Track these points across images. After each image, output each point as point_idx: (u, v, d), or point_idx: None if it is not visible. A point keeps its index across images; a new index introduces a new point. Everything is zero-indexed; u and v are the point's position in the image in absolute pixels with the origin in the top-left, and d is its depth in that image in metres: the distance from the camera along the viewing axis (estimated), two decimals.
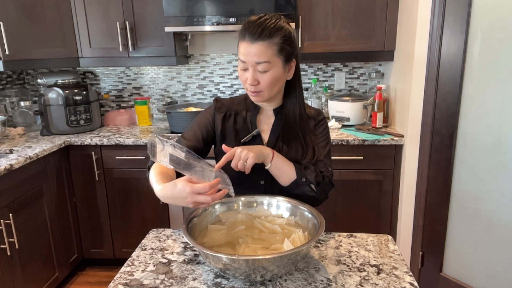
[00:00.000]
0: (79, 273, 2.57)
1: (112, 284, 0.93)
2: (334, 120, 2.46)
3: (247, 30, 1.05)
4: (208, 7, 2.26)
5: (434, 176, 2.04)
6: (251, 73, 1.07)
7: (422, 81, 2.01)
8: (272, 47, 1.05)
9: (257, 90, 1.10)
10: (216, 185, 0.91)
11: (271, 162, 1.09)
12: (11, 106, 2.72)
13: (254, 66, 1.07)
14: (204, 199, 0.90)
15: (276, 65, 1.08)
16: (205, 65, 2.82)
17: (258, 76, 1.08)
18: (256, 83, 1.08)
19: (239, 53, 1.09)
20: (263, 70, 1.07)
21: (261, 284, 0.91)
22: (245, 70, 1.10)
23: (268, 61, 1.05)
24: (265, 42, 1.04)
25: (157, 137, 0.96)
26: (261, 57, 1.04)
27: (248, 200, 1.12)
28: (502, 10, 1.66)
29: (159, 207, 2.42)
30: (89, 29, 2.48)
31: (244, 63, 1.07)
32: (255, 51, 1.04)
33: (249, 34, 1.04)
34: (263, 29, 1.04)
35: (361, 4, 2.30)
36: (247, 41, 1.05)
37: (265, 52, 1.04)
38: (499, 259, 1.80)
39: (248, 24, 1.06)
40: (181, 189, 0.90)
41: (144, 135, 2.41)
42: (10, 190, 1.89)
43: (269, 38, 1.04)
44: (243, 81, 1.12)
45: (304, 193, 1.12)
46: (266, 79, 1.08)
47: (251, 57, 1.05)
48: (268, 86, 1.09)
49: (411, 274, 0.94)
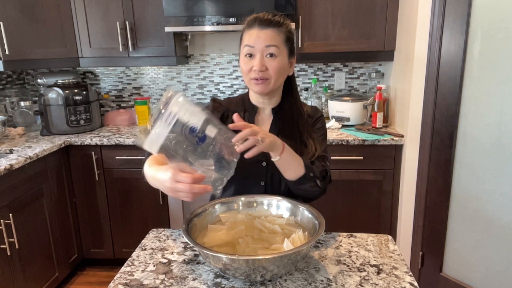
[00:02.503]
0: (79, 273, 2.57)
1: (112, 284, 0.93)
2: (334, 120, 2.46)
3: (256, 19, 1.10)
4: (208, 7, 2.26)
5: (434, 176, 2.04)
6: (258, 59, 1.09)
7: (422, 81, 2.01)
8: (280, 35, 1.10)
9: (264, 77, 1.10)
10: (200, 180, 0.86)
11: (281, 155, 1.03)
12: (11, 106, 2.72)
13: (262, 51, 1.09)
14: (183, 187, 0.84)
15: (283, 54, 1.11)
16: (205, 65, 2.82)
17: (266, 62, 1.09)
18: (264, 69, 1.09)
19: (246, 40, 1.11)
20: (272, 55, 1.09)
21: (261, 284, 0.91)
22: (250, 57, 1.10)
23: (277, 45, 1.09)
24: (275, 29, 1.09)
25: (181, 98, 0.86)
26: (272, 40, 1.08)
27: (248, 200, 1.12)
28: (502, 10, 1.65)
29: (159, 207, 2.42)
30: (89, 29, 2.48)
31: (252, 47, 1.09)
32: (265, 35, 1.08)
33: (259, 22, 1.09)
34: (271, 19, 1.10)
35: (361, 4, 2.30)
36: (256, 28, 1.09)
37: (275, 37, 1.09)
38: (499, 259, 1.80)
39: (256, 16, 1.11)
40: (165, 171, 0.87)
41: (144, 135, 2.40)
42: (10, 190, 1.89)
43: (278, 27, 1.10)
44: (247, 70, 1.11)
45: (308, 188, 1.09)
46: (275, 65, 1.09)
47: (261, 41, 1.08)
48: (275, 73, 1.10)
49: (411, 274, 0.94)
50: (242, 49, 1.13)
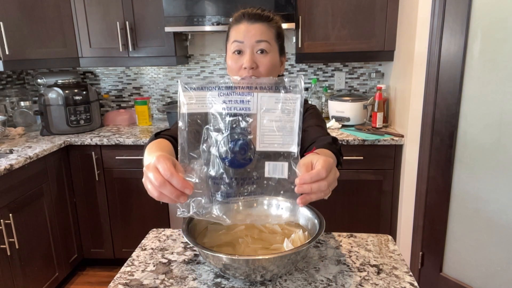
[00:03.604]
0: (79, 273, 2.57)
1: (112, 284, 0.93)
2: (334, 120, 2.46)
3: (245, 14, 1.03)
4: (208, 7, 2.26)
5: (434, 176, 2.04)
6: (249, 55, 1.01)
7: (422, 81, 2.01)
8: (271, 29, 1.04)
9: (255, 75, 1.03)
10: (183, 185, 0.72)
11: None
12: (11, 106, 2.72)
13: (252, 47, 1.01)
14: (155, 177, 0.71)
15: (274, 50, 1.05)
16: (205, 65, 2.82)
17: (256, 59, 1.02)
18: (255, 66, 1.01)
19: (234, 36, 1.03)
20: (263, 51, 1.02)
21: (261, 284, 0.91)
22: (239, 54, 1.02)
23: (268, 41, 1.02)
24: (265, 24, 1.03)
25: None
26: (263, 35, 1.02)
27: (248, 200, 1.12)
28: (502, 10, 1.65)
29: (159, 207, 2.42)
30: (89, 29, 2.48)
31: (242, 43, 1.01)
32: (255, 30, 1.01)
33: (248, 17, 1.02)
34: (261, 13, 1.04)
35: (361, 4, 2.30)
36: (245, 23, 1.02)
37: (266, 32, 1.03)
38: (499, 259, 1.80)
39: (245, 11, 1.04)
40: (153, 156, 0.74)
41: (144, 135, 2.41)
42: (10, 190, 1.89)
43: (268, 21, 1.04)
44: (237, 68, 1.03)
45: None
46: (266, 62, 1.02)
47: (250, 36, 1.01)
48: (267, 70, 1.03)
49: (411, 274, 0.94)
50: (230, 46, 1.05)
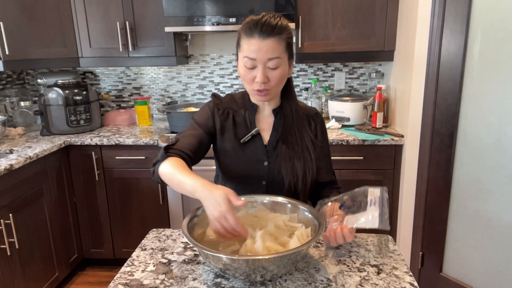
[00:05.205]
0: (79, 273, 2.57)
1: (112, 284, 0.93)
2: (334, 120, 2.46)
3: (256, 27, 1.04)
4: (208, 7, 2.26)
5: (434, 176, 2.04)
6: (261, 70, 1.06)
7: (422, 81, 2.01)
8: (281, 43, 1.06)
9: (267, 88, 1.08)
10: (242, 232, 0.90)
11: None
12: (11, 106, 2.72)
13: (264, 63, 1.06)
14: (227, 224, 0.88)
15: (284, 62, 1.09)
16: (205, 65, 2.82)
17: (267, 73, 1.07)
18: (267, 81, 1.07)
19: (246, 50, 1.06)
20: (274, 67, 1.06)
21: (261, 284, 0.91)
22: (252, 69, 1.07)
23: (279, 56, 1.06)
24: (276, 38, 1.05)
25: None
26: (274, 53, 1.05)
27: (248, 200, 1.12)
28: (502, 10, 1.65)
29: (159, 207, 2.42)
30: (89, 29, 2.48)
31: (254, 60, 1.05)
32: (267, 47, 1.04)
33: (260, 32, 1.04)
34: (273, 26, 1.04)
35: (361, 4, 2.30)
36: (257, 39, 1.04)
37: (277, 48, 1.05)
38: (499, 259, 1.80)
39: (256, 22, 1.05)
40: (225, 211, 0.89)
41: (144, 135, 2.41)
42: (10, 190, 1.89)
43: (279, 35, 1.05)
44: (249, 80, 1.09)
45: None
46: (277, 75, 1.07)
47: (262, 54, 1.04)
48: (277, 83, 1.09)
49: (411, 274, 0.94)
50: (241, 58, 1.09)
